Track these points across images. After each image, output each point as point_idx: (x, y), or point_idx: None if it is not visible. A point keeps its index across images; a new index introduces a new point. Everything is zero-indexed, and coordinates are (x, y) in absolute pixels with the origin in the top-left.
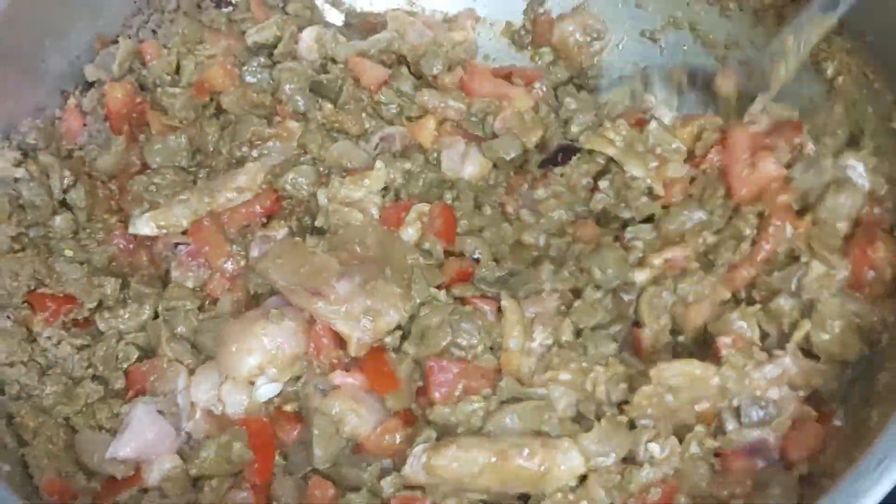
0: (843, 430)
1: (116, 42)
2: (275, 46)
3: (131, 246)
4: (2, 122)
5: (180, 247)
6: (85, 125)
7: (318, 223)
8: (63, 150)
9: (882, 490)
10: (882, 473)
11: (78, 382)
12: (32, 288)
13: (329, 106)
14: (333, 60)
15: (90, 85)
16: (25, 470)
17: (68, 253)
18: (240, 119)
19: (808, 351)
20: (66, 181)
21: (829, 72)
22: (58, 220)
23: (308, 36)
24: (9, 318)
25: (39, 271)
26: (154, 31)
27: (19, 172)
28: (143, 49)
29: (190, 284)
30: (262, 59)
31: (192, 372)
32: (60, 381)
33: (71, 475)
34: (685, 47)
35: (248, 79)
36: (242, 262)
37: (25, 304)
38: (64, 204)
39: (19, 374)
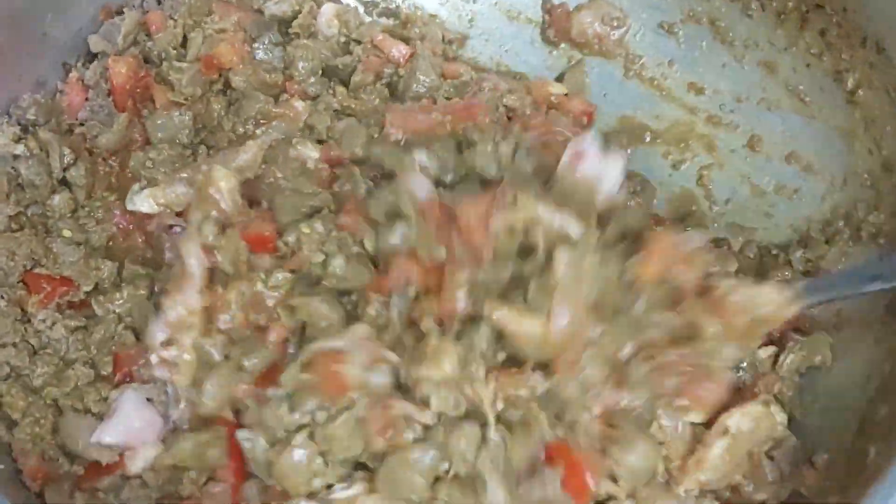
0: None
1: (121, 13)
2: (291, 22)
3: (130, 226)
4: (2, 96)
5: (175, 228)
6: (87, 99)
7: None
8: (63, 126)
9: None
10: None
11: (69, 364)
12: (29, 268)
13: (342, 89)
14: (357, 41)
15: (93, 57)
16: (17, 465)
17: (66, 233)
18: (246, 95)
19: None
20: (66, 159)
21: (850, 83)
22: (56, 198)
23: (328, 10)
24: (3, 297)
25: (36, 251)
26: (159, 2)
27: (19, 149)
28: (148, 20)
29: None
30: (274, 36)
31: None
32: (52, 363)
33: (54, 459)
34: (703, 43)
35: (259, 55)
36: None
37: (21, 285)
38: (63, 182)
39: (10, 355)
